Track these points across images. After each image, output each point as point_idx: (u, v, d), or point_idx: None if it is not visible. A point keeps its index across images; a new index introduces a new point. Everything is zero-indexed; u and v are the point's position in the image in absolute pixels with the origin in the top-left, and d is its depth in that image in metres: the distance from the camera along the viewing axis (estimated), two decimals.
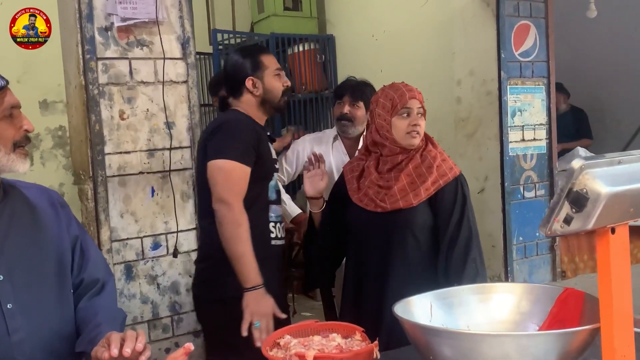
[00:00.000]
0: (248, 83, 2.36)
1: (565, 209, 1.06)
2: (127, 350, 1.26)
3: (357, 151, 3.05)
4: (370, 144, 2.10)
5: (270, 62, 2.39)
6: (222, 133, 2.24)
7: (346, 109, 2.98)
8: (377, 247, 2.01)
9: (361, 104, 2.99)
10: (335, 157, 3.09)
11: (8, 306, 1.32)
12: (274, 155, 2.41)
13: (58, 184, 5.00)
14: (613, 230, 1.10)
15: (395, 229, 1.99)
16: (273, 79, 2.37)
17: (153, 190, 2.72)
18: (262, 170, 2.28)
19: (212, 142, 2.25)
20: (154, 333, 2.73)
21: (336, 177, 2.52)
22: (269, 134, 2.43)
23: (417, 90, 2.09)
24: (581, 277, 4.37)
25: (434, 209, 2.01)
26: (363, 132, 3.07)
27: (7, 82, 1.41)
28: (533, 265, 4.28)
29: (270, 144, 2.40)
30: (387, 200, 1.98)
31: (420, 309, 1.41)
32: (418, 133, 2.02)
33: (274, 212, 2.33)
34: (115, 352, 1.27)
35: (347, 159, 3.04)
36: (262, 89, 2.36)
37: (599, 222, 1.06)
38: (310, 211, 2.20)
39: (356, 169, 2.13)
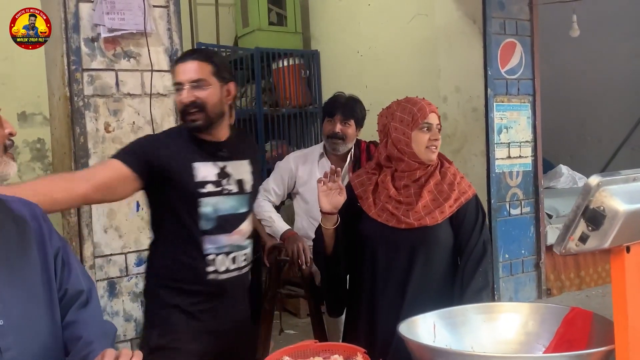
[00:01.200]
0: None
1: (581, 227, 1.03)
2: None
3: (344, 166, 3.01)
4: (384, 160, 2.05)
5: (175, 73, 2.00)
6: None
7: (338, 127, 2.93)
8: (398, 263, 1.96)
9: (352, 121, 2.95)
10: (322, 174, 3.02)
11: (0, 323, 1.26)
12: (211, 178, 1.96)
13: None
14: (628, 249, 1.07)
15: (421, 246, 1.95)
16: (176, 95, 2.02)
17: (138, 205, 2.65)
18: (175, 193, 1.94)
19: None
20: None
21: None
22: (223, 150, 2.01)
23: (433, 105, 2.07)
24: (567, 295, 4.38)
25: (454, 227, 1.98)
26: (351, 148, 3.03)
27: None
28: (519, 282, 4.27)
29: (214, 163, 1.98)
30: (412, 216, 1.93)
31: (424, 328, 1.37)
32: (437, 148, 2.00)
33: (212, 243, 1.97)
34: None
35: None
36: None
37: (616, 240, 1.03)
38: (320, 228, 2.08)
39: (368, 182, 2.07)
